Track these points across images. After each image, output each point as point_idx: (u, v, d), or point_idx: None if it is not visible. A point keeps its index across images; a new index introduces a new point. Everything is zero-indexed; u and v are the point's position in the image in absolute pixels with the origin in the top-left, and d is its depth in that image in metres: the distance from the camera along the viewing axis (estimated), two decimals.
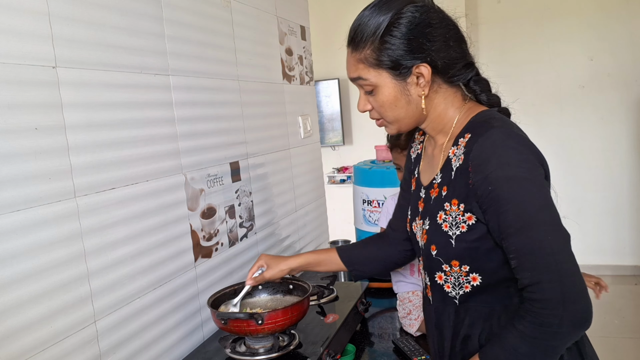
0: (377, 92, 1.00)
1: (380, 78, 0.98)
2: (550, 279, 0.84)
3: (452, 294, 1.00)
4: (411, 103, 1.00)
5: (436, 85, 1.00)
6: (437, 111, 1.02)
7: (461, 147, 0.96)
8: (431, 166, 1.08)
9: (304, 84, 2.20)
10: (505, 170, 0.87)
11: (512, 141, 0.90)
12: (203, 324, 1.42)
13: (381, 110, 1.02)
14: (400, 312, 1.54)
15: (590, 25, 4.22)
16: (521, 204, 0.86)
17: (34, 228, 0.93)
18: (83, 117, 1.05)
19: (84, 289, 1.03)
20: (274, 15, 1.94)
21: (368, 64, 0.99)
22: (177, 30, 1.35)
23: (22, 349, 0.90)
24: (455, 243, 0.96)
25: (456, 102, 1.02)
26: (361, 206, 2.08)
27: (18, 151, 0.91)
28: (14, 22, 0.91)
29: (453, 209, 0.96)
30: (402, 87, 0.98)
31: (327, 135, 4.79)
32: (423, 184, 1.09)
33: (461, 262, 0.96)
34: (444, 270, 1.00)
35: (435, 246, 0.99)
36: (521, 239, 0.86)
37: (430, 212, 1.02)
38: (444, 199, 0.98)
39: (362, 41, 0.98)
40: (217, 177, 1.51)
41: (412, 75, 0.97)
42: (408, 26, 0.95)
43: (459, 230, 0.95)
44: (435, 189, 1.02)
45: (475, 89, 1.03)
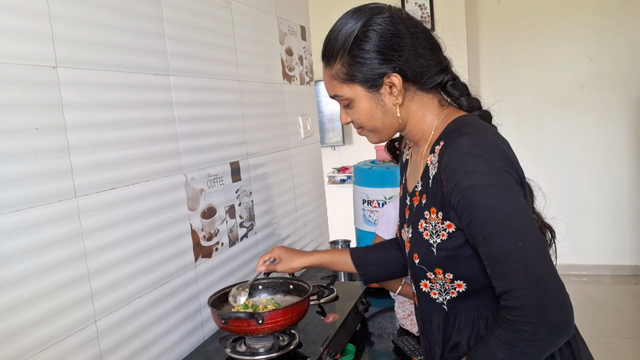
0: (353, 105, 1.02)
1: (354, 92, 1.00)
2: (522, 286, 0.82)
3: (439, 300, 1.00)
4: (387, 113, 1.00)
5: (411, 93, 1.00)
6: (415, 119, 1.02)
7: (436, 155, 0.96)
8: (415, 173, 1.08)
9: (304, 84, 2.20)
10: (471, 178, 0.87)
11: (479, 149, 0.89)
12: (203, 324, 1.42)
13: (359, 121, 1.04)
14: (400, 313, 1.54)
15: (590, 26, 4.22)
16: (488, 211, 0.85)
17: (34, 228, 0.93)
18: (83, 117, 1.05)
19: (84, 289, 1.03)
20: (274, 15, 1.94)
21: (340, 80, 1.00)
22: (177, 30, 1.35)
23: (22, 349, 0.90)
24: (436, 251, 0.96)
25: (433, 109, 1.02)
26: (361, 206, 2.08)
27: (18, 151, 0.91)
28: (14, 22, 0.91)
29: (432, 217, 0.95)
30: (376, 98, 0.99)
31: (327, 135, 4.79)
32: (408, 190, 1.09)
33: (444, 269, 0.96)
34: (428, 277, 0.99)
35: (417, 254, 0.99)
36: (491, 246, 0.85)
37: (413, 220, 1.02)
38: (423, 207, 0.98)
39: (332, 56, 1.00)
40: (218, 177, 1.51)
41: (384, 86, 0.98)
42: (376, 38, 0.95)
43: (439, 239, 0.95)
44: (416, 196, 1.02)
45: (453, 93, 1.02)
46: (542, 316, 0.82)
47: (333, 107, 4.70)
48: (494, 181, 0.86)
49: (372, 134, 1.06)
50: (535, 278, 0.82)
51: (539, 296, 0.82)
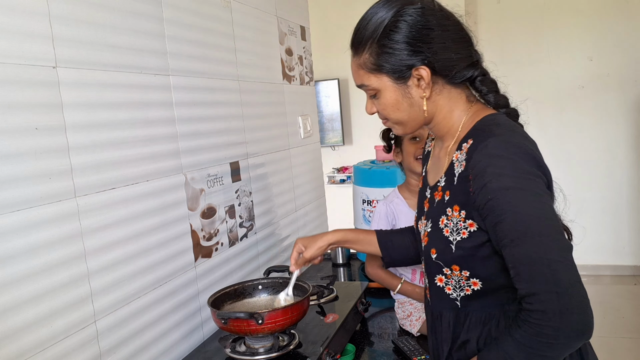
0: (379, 96, 1.00)
1: (382, 83, 0.98)
2: (546, 290, 0.83)
3: (453, 295, 1.00)
4: (414, 105, 0.99)
5: (439, 87, 0.99)
6: (442, 113, 1.01)
7: (463, 153, 0.95)
8: (437, 167, 1.07)
9: (304, 84, 2.20)
10: (500, 181, 0.87)
11: (509, 151, 0.89)
12: (203, 324, 1.42)
13: (385, 113, 1.03)
14: (400, 314, 1.54)
15: (590, 26, 4.22)
16: (517, 214, 0.85)
17: (34, 228, 0.93)
18: (83, 117, 1.05)
19: (84, 289, 1.03)
20: (274, 16, 1.94)
21: (368, 70, 0.99)
22: (177, 30, 1.35)
23: (22, 349, 0.90)
24: (455, 249, 0.96)
25: (461, 104, 1.01)
26: (361, 206, 2.08)
27: (18, 151, 0.91)
28: (14, 22, 0.91)
29: (454, 214, 0.95)
30: (403, 90, 0.98)
31: (327, 135, 4.79)
32: (429, 183, 1.08)
33: (461, 267, 0.96)
34: (444, 273, 1.00)
35: (435, 250, 0.99)
36: (517, 249, 0.85)
37: (433, 215, 1.02)
38: (446, 203, 0.98)
39: (361, 45, 0.99)
40: (217, 177, 1.51)
41: (412, 78, 0.96)
42: (406, 29, 0.94)
43: (459, 237, 0.95)
44: (439, 191, 1.01)
45: (482, 89, 1.01)
46: (565, 321, 0.82)
47: (333, 107, 4.70)
48: (523, 184, 0.86)
49: (397, 125, 1.05)
50: (562, 283, 0.83)
51: (564, 301, 0.82)
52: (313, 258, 1.30)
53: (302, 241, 1.31)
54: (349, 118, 4.85)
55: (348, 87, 4.75)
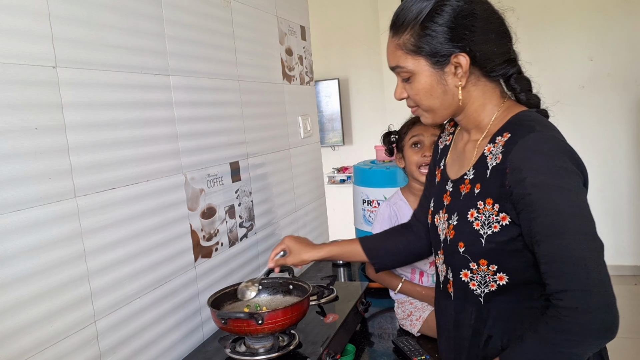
0: (413, 79, 0.99)
1: (418, 65, 0.98)
2: (579, 287, 0.83)
3: (477, 291, 0.99)
4: (447, 93, 0.99)
5: (475, 78, 0.98)
6: (475, 105, 1.01)
7: (499, 146, 0.94)
8: (461, 160, 1.06)
9: (304, 84, 2.20)
10: (540, 176, 0.87)
11: (551, 147, 0.89)
12: (203, 324, 1.42)
13: (416, 98, 1.01)
14: (400, 314, 1.54)
15: (590, 26, 4.22)
16: (554, 211, 0.86)
17: (34, 228, 0.93)
18: (83, 117, 1.05)
19: (84, 289, 1.03)
20: (274, 15, 1.94)
21: (406, 50, 0.98)
22: (177, 30, 1.35)
23: (22, 349, 0.90)
24: (485, 242, 0.95)
25: (494, 99, 1.01)
26: (361, 206, 2.08)
27: (18, 151, 0.91)
28: (14, 22, 0.91)
29: (487, 208, 0.94)
30: (439, 76, 0.97)
31: (327, 135, 4.80)
32: (450, 177, 1.07)
33: (489, 261, 0.95)
34: (470, 268, 0.98)
35: (463, 243, 0.98)
36: (552, 246, 0.86)
37: (460, 208, 1.00)
38: (476, 196, 0.97)
39: (402, 26, 0.98)
40: (217, 177, 1.51)
41: (450, 65, 0.96)
42: (451, 14, 0.94)
43: (490, 230, 0.94)
44: (466, 184, 1.00)
45: (515, 87, 1.01)
46: (594, 319, 0.83)
47: (333, 107, 4.70)
48: (562, 182, 0.87)
49: (426, 113, 1.04)
50: (594, 282, 0.83)
51: (594, 299, 0.83)
52: (293, 266, 1.32)
53: (290, 243, 1.32)
54: (349, 118, 4.85)
55: (348, 87, 4.75)
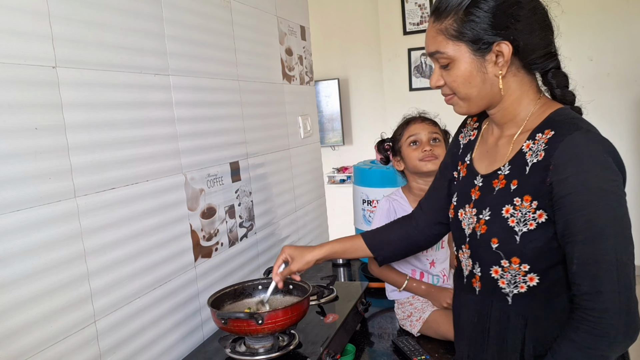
0: (452, 66, 0.98)
1: (459, 51, 0.96)
2: (612, 289, 0.84)
3: (505, 290, 0.98)
4: (486, 82, 0.97)
5: (514, 69, 0.97)
6: (512, 98, 0.99)
7: (540, 143, 0.93)
8: (492, 155, 1.05)
9: (304, 84, 2.20)
10: (585, 176, 0.86)
11: (598, 148, 0.88)
12: (203, 324, 1.42)
13: (454, 85, 1.00)
14: (400, 314, 1.54)
15: (590, 25, 4.22)
16: (595, 213, 0.85)
17: (34, 228, 0.93)
18: (83, 117, 1.05)
19: (84, 289, 1.03)
20: (274, 15, 1.94)
21: (448, 36, 0.97)
22: (177, 30, 1.35)
23: (22, 349, 0.90)
24: (519, 240, 0.94)
25: (531, 93, 1.00)
26: (361, 206, 2.08)
27: (18, 151, 0.91)
28: (14, 22, 0.91)
29: (524, 205, 0.93)
30: (480, 63, 0.96)
31: (327, 135, 4.79)
32: (480, 172, 1.06)
33: (522, 260, 0.94)
34: (501, 265, 0.97)
35: (497, 239, 0.97)
36: (588, 247, 0.86)
37: (493, 203, 0.99)
38: (513, 192, 0.96)
39: (445, 11, 0.96)
40: (217, 177, 1.51)
41: (491, 53, 0.95)
42: (496, 1, 0.93)
43: (526, 228, 0.93)
44: (500, 180, 0.99)
45: (552, 82, 0.99)
46: (625, 321, 0.84)
47: (333, 107, 4.70)
48: (607, 184, 0.86)
49: (462, 102, 1.02)
50: (625, 284, 0.84)
51: (626, 302, 0.84)
52: (299, 271, 1.30)
53: (290, 251, 1.31)
54: (349, 118, 4.85)
55: (348, 87, 4.75)
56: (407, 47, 4.20)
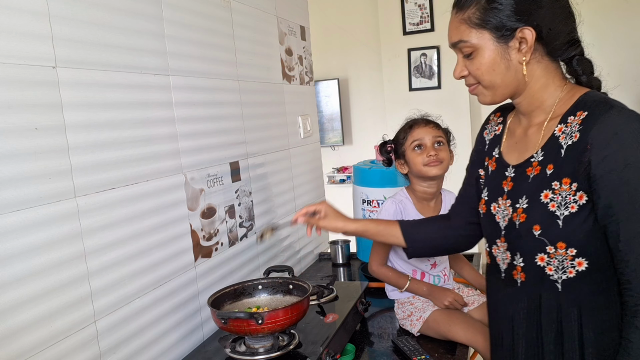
0: (476, 54, 0.99)
1: (482, 39, 0.97)
2: None
3: (554, 277, 0.96)
4: (510, 69, 0.98)
5: (538, 56, 0.98)
6: (537, 85, 1.00)
7: (574, 125, 0.93)
8: (522, 145, 1.05)
9: (304, 84, 2.20)
10: (626, 153, 0.86)
11: (635, 125, 0.88)
12: (203, 324, 1.42)
13: (477, 73, 1.00)
14: (400, 314, 1.54)
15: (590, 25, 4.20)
16: (637, 190, 0.86)
17: (34, 228, 0.93)
18: (83, 117, 1.05)
19: (84, 289, 1.03)
20: (274, 15, 1.94)
21: (471, 24, 0.98)
22: (177, 30, 1.35)
23: (22, 349, 0.90)
24: (562, 224, 0.93)
25: (557, 80, 1.00)
26: (361, 206, 2.08)
27: (18, 151, 0.91)
28: (14, 22, 0.91)
29: (564, 188, 0.93)
30: (503, 50, 0.97)
31: (327, 135, 4.79)
32: (510, 163, 1.06)
33: (568, 244, 0.93)
34: (547, 252, 0.96)
35: (539, 226, 0.96)
36: (634, 224, 0.86)
37: (529, 190, 0.98)
38: (550, 177, 0.95)
39: (468, 0, 0.98)
40: (217, 177, 1.51)
41: (514, 39, 0.96)
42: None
43: (567, 211, 0.92)
44: (534, 167, 0.99)
45: (577, 69, 1.00)
46: None
47: (333, 107, 4.70)
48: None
49: (486, 91, 1.03)
50: None
51: None
52: (323, 229, 1.28)
53: (327, 208, 1.29)
54: (349, 118, 4.85)
55: (348, 87, 4.75)
56: (407, 47, 4.20)
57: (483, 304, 1.52)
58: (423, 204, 1.56)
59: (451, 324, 1.40)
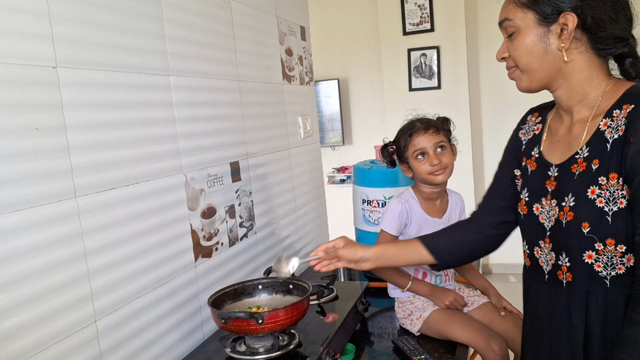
0: (517, 35, 1.00)
1: (525, 20, 0.98)
2: None
3: (603, 273, 0.95)
4: (548, 54, 0.97)
5: (582, 46, 0.97)
6: (580, 76, 0.98)
7: (620, 118, 0.92)
8: (566, 143, 1.03)
9: (304, 84, 2.20)
10: None
11: None
12: (203, 324, 1.42)
13: (515, 54, 1.01)
14: (400, 313, 1.54)
15: None
16: None
17: (34, 228, 0.93)
18: (83, 117, 1.05)
19: (84, 289, 1.03)
20: (274, 16, 1.94)
21: (518, 4, 0.99)
22: (177, 30, 1.36)
23: (22, 349, 0.90)
24: (611, 219, 0.91)
25: (601, 75, 0.99)
26: (361, 206, 2.08)
27: (18, 151, 0.91)
28: (14, 22, 0.91)
29: (611, 183, 0.91)
30: (543, 33, 0.97)
31: (327, 135, 4.79)
32: (553, 162, 1.04)
33: (617, 240, 0.92)
34: (596, 249, 0.94)
35: (587, 223, 0.94)
36: None
37: (576, 188, 0.97)
38: (596, 172, 0.94)
39: None
40: (217, 177, 1.51)
41: (557, 24, 0.95)
42: None
43: (616, 206, 0.91)
44: (579, 163, 0.97)
45: (630, 71, 0.99)
46: None
47: (333, 107, 4.70)
48: None
49: (523, 75, 1.02)
50: None
51: None
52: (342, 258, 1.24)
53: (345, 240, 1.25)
54: (349, 118, 4.85)
55: (348, 87, 4.75)
56: (407, 47, 4.20)
57: (483, 305, 1.52)
58: (429, 204, 1.56)
59: (451, 324, 1.40)
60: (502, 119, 4.08)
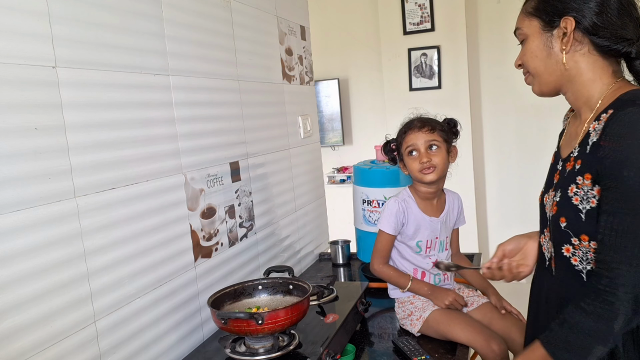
0: (526, 42, 1.06)
1: (530, 27, 1.04)
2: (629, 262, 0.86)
3: (579, 267, 0.99)
4: (551, 57, 1.02)
5: (585, 49, 0.99)
6: (582, 79, 1.01)
7: (602, 122, 0.94)
8: (571, 140, 1.07)
9: (304, 84, 2.20)
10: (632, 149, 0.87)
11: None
12: (203, 324, 1.42)
13: (524, 59, 1.07)
14: (400, 313, 1.54)
15: None
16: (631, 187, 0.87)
17: (34, 228, 0.93)
18: (83, 117, 1.05)
19: (84, 289, 1.03)
20: (274, 15, 1.94)
21: (525, 13, 1.05)
22: (177, 30, 1.35)
23: (22, 349, 0.90)
24: (585, 217, 0.96)
25: (605, 77, 1.01)
26: (361, 206, 2.08)
27: (18, 151, 0.91)
28: (14, 22, 0.91)
29: (585, 183, 0.95)
30: (547, 38, 1.01)
31: (327, 135, 4.79)
32: (562, 156, 1.08)
33: (591, 237, 0.96)
34: (572, 243, 0.99)
35: (564, 219, 0.99)
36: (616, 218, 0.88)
37: (563, 184, 1.02)
38: (576, 172, 0.98)
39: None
40: (217, 177, 1.51)
41: (559, 29, 0.99)
42: None
43: (588, 205, 0.95)
44: (571, 162, 1.02)
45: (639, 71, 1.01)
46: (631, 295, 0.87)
47: (333, 107, 4.70)
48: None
49: (534, 80, 1.08)
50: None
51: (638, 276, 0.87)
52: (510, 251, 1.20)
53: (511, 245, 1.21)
54: (349, 118, 4.84)
55: (348, 87, 4.75)
56: (407, 47, 4.20)
57: (483, 305, 1.52)
58: (426, 203, 1.56)
59: (451, 324, 1.40)
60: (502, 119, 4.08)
